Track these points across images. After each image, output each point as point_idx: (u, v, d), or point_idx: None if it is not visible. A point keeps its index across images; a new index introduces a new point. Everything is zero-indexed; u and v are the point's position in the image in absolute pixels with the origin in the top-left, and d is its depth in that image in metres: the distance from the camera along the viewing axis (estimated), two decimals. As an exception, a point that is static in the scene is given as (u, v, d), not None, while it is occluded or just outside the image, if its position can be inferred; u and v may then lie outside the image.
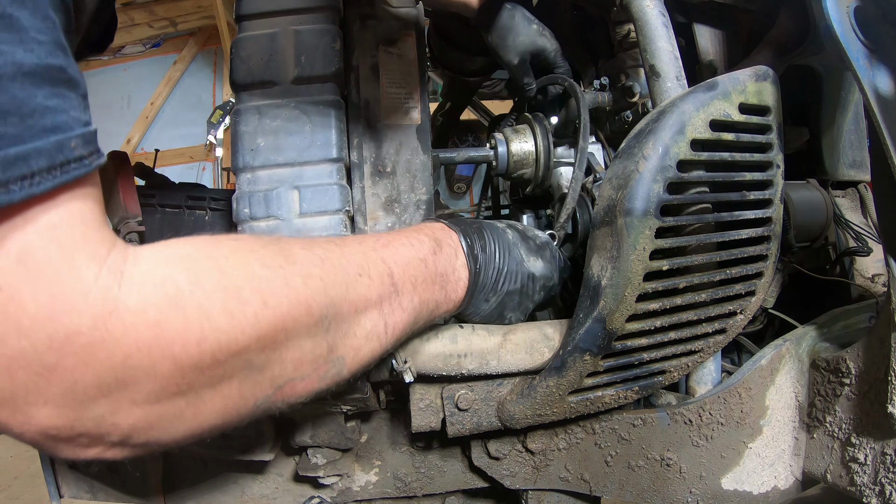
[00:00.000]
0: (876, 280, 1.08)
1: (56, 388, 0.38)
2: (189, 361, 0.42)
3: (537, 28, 0.92)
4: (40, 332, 0.36)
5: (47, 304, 0.37)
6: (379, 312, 0.59)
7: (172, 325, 0.41)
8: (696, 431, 0.81)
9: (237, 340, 0.45)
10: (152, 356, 0.40)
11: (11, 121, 0.35)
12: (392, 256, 0.62)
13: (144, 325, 0.40)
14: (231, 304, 0.44)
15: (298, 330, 0.50)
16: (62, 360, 0.37)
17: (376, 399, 0.83)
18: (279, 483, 0.96)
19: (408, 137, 0.84)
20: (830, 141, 1.11)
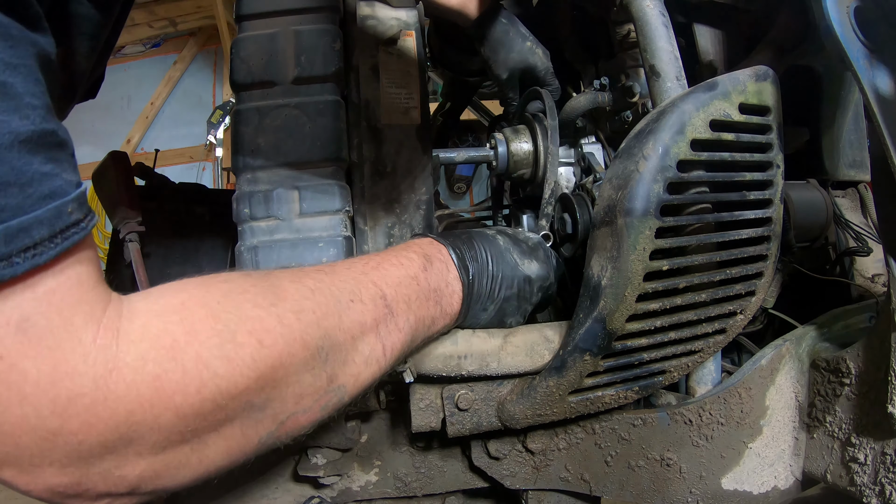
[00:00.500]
0: (876, 280, 1.08)
1: (61, 451, 0.38)
2: (191, 410, 0.43)
3: (531, 45, 0.92)
4: (43, 397, 0.37)
5: (49, 370, 0.37)
6: (375, 336, 0.59)
7: (172, 377, 0.42)
8: (696, 431, 0.81)
9: (237, 384, 0.45)
10: (154, 409, 0.41)
11: (11, 191, 0.35)
12: (383, 278, 0.62)
13: (144, 381, 0.41)
14: (227, 348, 0.45)
15: (296, 365, 0.50)
16: (66, 424, 0.38)
17: (376, 399, 0.83)
18: (279, 483, 0.96)
19: (408, 137, 0.84)
20: (830, 141, 1.11)
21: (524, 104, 1.00)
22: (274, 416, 0.50)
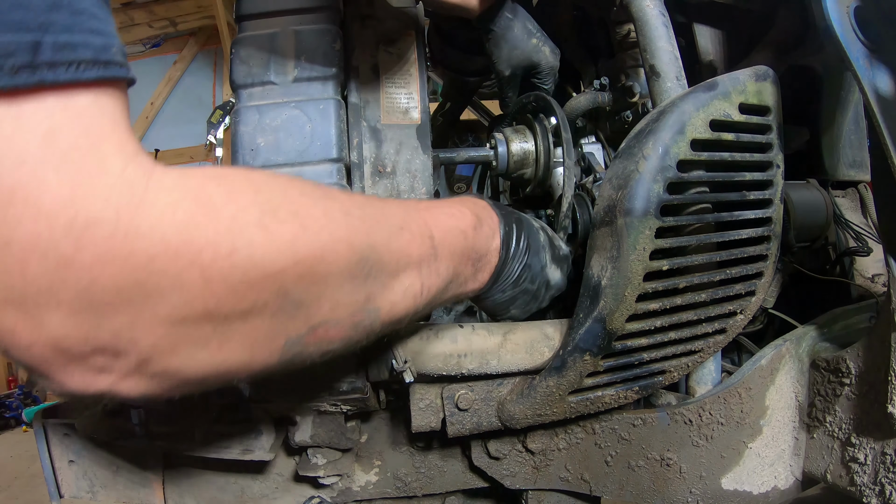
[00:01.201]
0: (876, 280, 1.08)
1: (71, 288, 0.34)
2: (219, 275, 0.38)
3: (536, 42, 0.89)
4: (60, 215, 0.33)
5: (69, 187, 0.34)
6: (417, 271, 0.56)
7: (203, 232, 0.38)
8: (696, 431, 0.81)
9: (273, 261, 0.41)
10: (179, 262, 0.37)
11: (63, 13, 0.34)
12: (434, 220, 0.60)
13: (172, 226, 0.37)
14: (267, 220, 0.41)
15: (339, 267, 0.47)
16: (79, 254, 0.34)
17: (376, 399, 0.83)
18: (279, 483, 0.96)
19: (408, 137, 0.84)
20: (830, 141, 1.11)
21: (519, 106, 1.00)
22: (307, 318, 0.46)
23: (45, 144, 0.33)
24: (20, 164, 0.32)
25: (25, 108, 0.33)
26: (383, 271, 0.52)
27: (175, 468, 0.96)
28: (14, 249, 0.33)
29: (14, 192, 0.32)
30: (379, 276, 0.52)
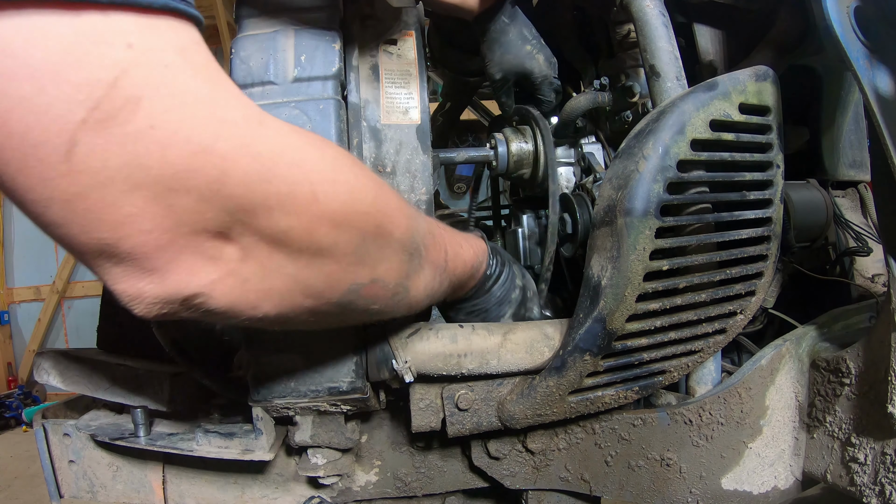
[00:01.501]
0: (876, 280, 1.08)
1: (206, 175, 0.38)
2: (324, 196, 0.45)
3: (530, 49, 0.89)
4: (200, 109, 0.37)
5: (207, 92, 0.38)
6: (433, 273, 0.64)
7: (312, 159, 0.45)
8: (696, 431, 0.81)
9: (361, 201, 0.49)
10: (294, 174, 0.43)
11: None
12: (450, 240, 0.70)
13: (289, 146, 0.43)
14: (356, 169, 0.50)
15: (399, 233, 0.55)
16: (216, 143, 0.38)
17: (376, 399, 0.83)
18: (279, 483, 0.96)
19: (408, 137, 0.84)
20: (830, 141, 1.11)
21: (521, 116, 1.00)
22: (370, 269, 0.52)
23: (183, 56, 0.37)
24: (165, 66, 0.36)
25: (160, 25, 0.37)
26: (419, 257, 0.60)
27: (175, 468, 0.96)
28: (158, 133, 0.35)
29: (162, 85, 0.36)
30: (416, 259, 0.59)
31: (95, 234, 0.36)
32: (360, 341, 0.77)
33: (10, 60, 0.32)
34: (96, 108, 0.33)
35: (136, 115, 0.34)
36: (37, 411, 0.99)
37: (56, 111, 0.33)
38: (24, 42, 0.32)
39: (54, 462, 0.96)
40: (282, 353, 0.76)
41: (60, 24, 0.32)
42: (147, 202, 0.36)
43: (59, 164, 0.34)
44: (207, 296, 0.42)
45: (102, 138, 0.34)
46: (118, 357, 0.98)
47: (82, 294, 4.95)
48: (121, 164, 0.35)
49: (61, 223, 0.36)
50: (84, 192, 0.35)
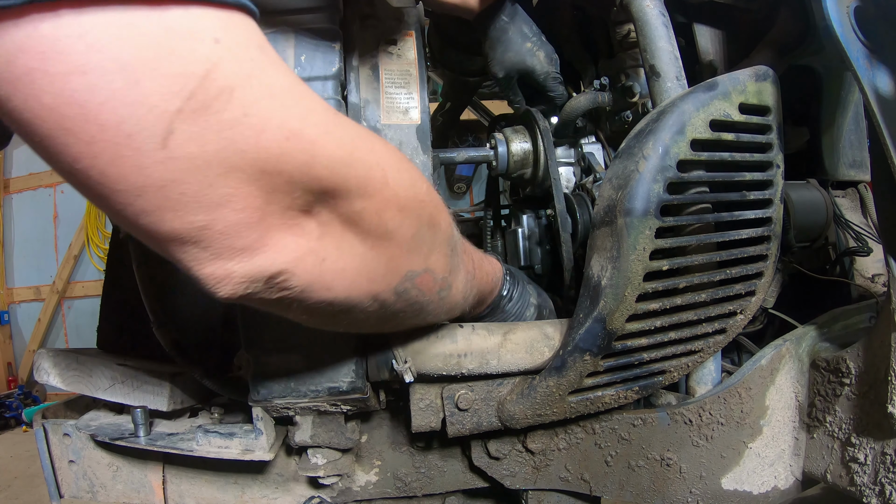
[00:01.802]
0: (876, 280, 1.08)
1: (296, 158, 0.41)
2: (393, 181, 0.49)
3: (531, 47, 0.90)
4: (289, 97, 0.41)
5: (290, 83, 0.42)
6: (465, 277, 0.68)
7: (380, 146, 0.50)
8: (696, 431, 0.81)
9: (419, 189, 0.54)
10: (369, 160, 0.47)
11: None
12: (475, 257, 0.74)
13: (363, 133, 0.48)
14: (412, 166, 0.56)
15: (445, 225, 0.60)
16: (305, 129, 0.41)
17: (376, 399, 0.83)
18: (279, 483, 0.96)
19: (408, 137, 0.84)
20: (830, 141, 1.11)
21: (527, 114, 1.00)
22: (424, 258, 0.57)
23: (262, 51, 0.40)
24: (251, 60, 0.39)
25: (237, 20, 0.39)
26: (457, 255, 0.64)
27: (175, 468, 0.96)
28: (252, 120, 0.38)
29: (252, 76, 0.38)
30: (456, 257, 0.64)
31: (189, 217, 0.38)
32: (360, 341, 0.77)
33: (99, 55, 0.33)
34: (191, 97, 0.35)
35: (231, 103, 0.37)
36: (37, 411, 0.99)
37: (152, 102, 0.34)
38: (114, 38, 0.33)
39: (54, 462, 0.96)
40: (282, 353, 0.76)
41: (148, 21, 0.34)
42: (241, 183, 0.39)
43: (155, 152, 0.35)
44: (290, 273, 0.45)
45: (199, 126, 0.36)
46: (118, 357, 0.98)
47: (82, 294, 4.95)
48: (217, 149, 0.37)
49: (153, 210, 0.37)
50: (180, 177, 0.37)
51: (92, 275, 4.89)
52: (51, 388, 4.72)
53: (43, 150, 0.36)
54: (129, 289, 1.03)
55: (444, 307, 0.66)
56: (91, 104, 0.34)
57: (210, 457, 0.86)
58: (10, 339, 5.08)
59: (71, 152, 0.35)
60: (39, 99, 0.33)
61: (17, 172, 5.06)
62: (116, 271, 1.12)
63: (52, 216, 5.01)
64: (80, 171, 0.36)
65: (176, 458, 0.93)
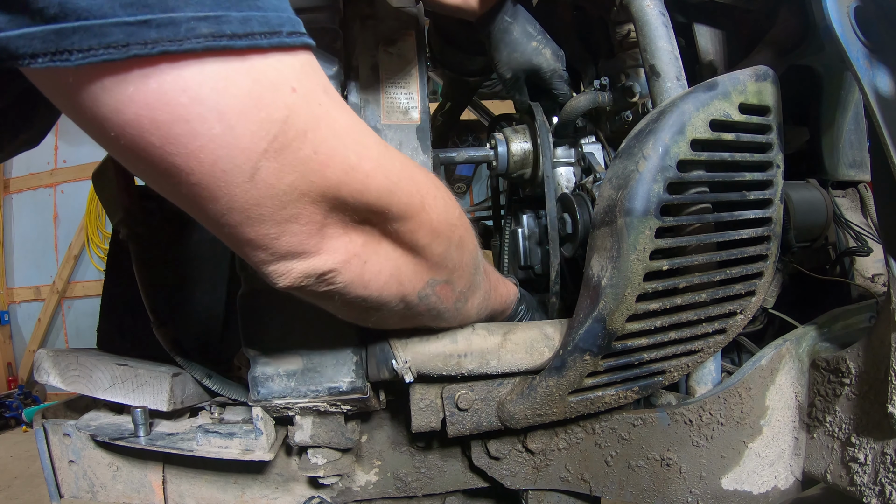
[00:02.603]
0: (876, 280, 1.08)
1: (353, 188, 0.49)
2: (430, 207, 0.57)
3: (537, 46, 0.89)
4: (349, 137, 0.48)
5: (351, 123, 0.49)
6: (482, 297, 0.75)
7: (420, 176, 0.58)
8: (696, 431, 0.81)
9: (452, 215, 0.62)
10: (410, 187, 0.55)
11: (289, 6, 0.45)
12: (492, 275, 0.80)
13: (407, 165, 0.56)
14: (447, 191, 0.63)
15: (470, 246, 0.67)
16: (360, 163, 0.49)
17: (376, 399, 0.83)
18: (279, 483, 0.96)
19: (408, 137, 0.84)
20: (830, 141, 1.11)
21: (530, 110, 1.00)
22: (448, 271, 0.64)
23: (328, 94, 0.47)
24: (319, 104, 0.45)
25: (305, 63, 0.45)
26: (479, 274, 0.72)
27: (175, 468, 0.96)
28: (321, 157, 0.45)
29: (320, 120, 0.45)
30: (478, 276, 0.71)
31: (265, 230, 0.46)
32: (360, 341, 0.77)
33: (200, 107, 0.39)
34: (274, 140, 0.42)
35: (304, 144, 0.44)
36: (37, 411, 0.99)
37: (243, 144, 0.41)
38: (211, 91, 0.39)
39: (54, 462, 0.96)
40: (282, 352, 0.76)
41: (238, 74, 0.40)
42: (307, 205, 0.47)
43: (243, 183, 0.42)
44: (338, 272, 0.53)
45: (279, 162, 0.43)
46: (118, 357, 0.98)
47: (82, 294, 4.95)
48: (292, 181, 0.44)
49: (236, 224, 0.45)
50: (261, 201, 0.44)
51: (92, 275, 4.89)
52: (51, 388, 4.72)
53: (147, 177, 0.43)
54: (129, 289, 1.03)
55: (458, 317, 0.74)
56: (192, 146, 0.40)
57: (210, 457, 0.86)
58: (10, 339, 5.08)
59: (172, 181, 0.42)
60: (147, 139, 0.39)
61: (17, 172, 5.06)
62: (116, 271, 1.12)
63: (52, 216, 5.02)
64: (181, 194, 0.43)
65: (176, 458, 0.93)
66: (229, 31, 0.39)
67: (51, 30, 0.34)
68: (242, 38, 0.39)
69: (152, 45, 0.36)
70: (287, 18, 0.43)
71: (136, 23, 0.35)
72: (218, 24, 0.38)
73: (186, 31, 0.37)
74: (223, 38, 0.38)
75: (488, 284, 0.77)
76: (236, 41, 0.39)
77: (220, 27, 0.38)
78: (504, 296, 0.84)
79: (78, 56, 0.35)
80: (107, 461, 0.96)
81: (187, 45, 0.37)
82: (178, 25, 0.37)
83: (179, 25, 0.37)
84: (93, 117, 0.39)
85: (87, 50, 0.35)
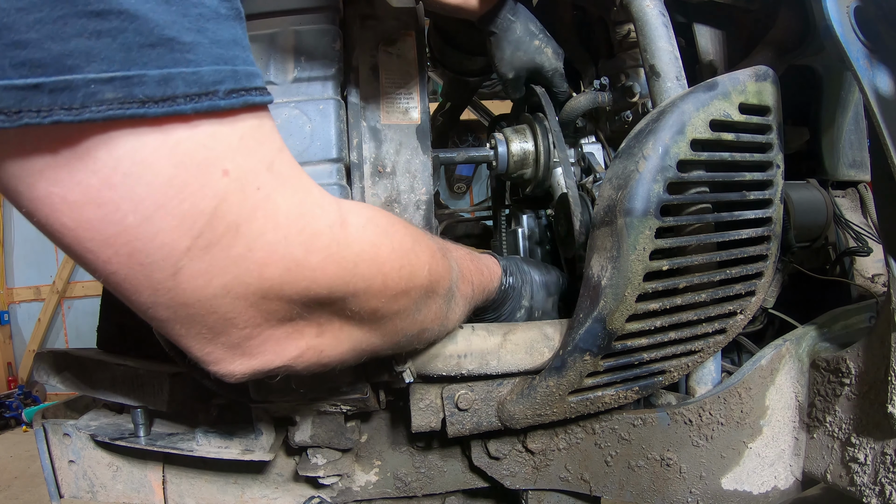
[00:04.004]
0: (876, 280, 1.08)
1: (298, 285, 0.42)
2: (392, 281, 0.51)
3: (539, 44, 0.89)
4: (292, 227, 0.41)
5: (296, 206, 0.42)
6: (464, 304, 0.72)
7: (384, 249, 0.50)
8: (696, 431, 0.81)
9: (419, 276, 0.55)
10: (371, 269, 0.48)
11: (241, 48, 0.39)
12: (476, 272, 0.76)
13: (366, 242, 0.48)
14: (418, 248, 0.56)
15: (443, 289, 0.62)
16: (308, 256, 0.42)
17: (376, 399, 0.83)
18: (279, 483, 0.96)
19: (408, 137, 0.84)
20: (830, 141, 1.11)
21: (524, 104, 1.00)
22: (420, 322, 0.60)
23: (271, 173, 0.40)
24: (257, 189, 0.39)
25: (246, 132, 0.38)
26: (455, 297, 0.68)
27: (175, 468, 0.96)
28: (256, 255, 0.39)
29: (257, 209, 0.39)
30: (451, 300, 0.67)
31: (195, 331, 0.41)
32: (360, 341, 0.77)
33: (111, 192, 0.34)
34: (199, 236, 0.36)
35: (237, 240, 0.38)
36: (37, 411, 0.99)
37: (162, 239, 0.36)
38: (124, 176, 0.34)
39: (54, 462, 0.96)
40: (282, 353, 0.76)
41: (156, 154, 0.34)
42: (244, 309, 0.41)
43: (165, 281, 0.37)
44: (290, 367, 0.49)
45: (205, 262, 0.38)
46: (118, 357, 0.98)
47: (82, 294, 4.95)
48: (222, 283, 0.39)
49: (165, 320, 0.40)
50: (188, 302, 0.39)
51: (91, 275, 4.89)
52: (51, 388, 4.72)
53: (69, 254, 0.38)
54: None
55: (442, 334, 0.73)
56: (107, 233, 0.35)
57: (210, 457, 0.86)
58: (10, 339, 5.08)
59: (89, 265, 0.37)
60: (59, 219, 0.34)
61: (17, 172, 5.05)
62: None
63: (52, 216, 5.01)
64: (104, 281, 0.39)
65: (176, 458, 0.93)
66: (141, 96, 0.32)
67: None
68: (159, 104, 0.33)
69: (45, 113, 0.31)
70: (229, 72, 0.36)
71: (27, 87, 0.30)
72: (127, 87, 0.32)
73: (85, 96, 0.31)
74: (132, 105, 0.32)
75: (469, 287, 0.73)
76: (151, 108, 0.33)
77: (131, 90, 0.32)
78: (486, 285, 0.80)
79: None
80: (107, 461, 0.96)
81: (86, 114, 0.31)
82: (74, 90, 0.31)
83: (76, 90, 0.31)
84: (6, 189, 0.34)
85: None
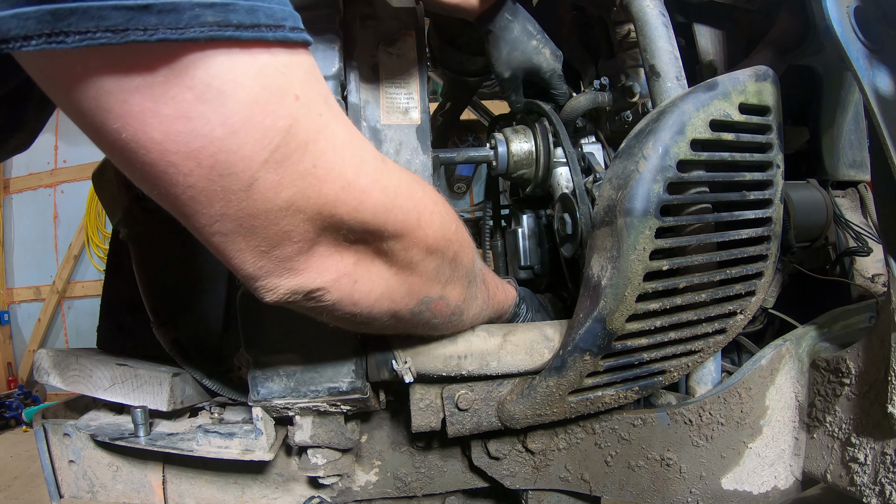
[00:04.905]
0: (876, 280, 1.08)
1: (348, 203, 0.47)
2: (427, 223, 0.56)
3: (536, 45, 0.89)
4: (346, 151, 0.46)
5: (348, 136, 0.47)
6: (481, 305, 0.75)
7: (417, 190, 0.56)
8: (696, 431, 0.81)
9: (448, 229, 0.60)
10: (407, 205, 0.53)
11: None
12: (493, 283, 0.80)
13: (403, 180, 0.54)
14: (445, 205, 0.62)
15: (467, 260, 0.66)
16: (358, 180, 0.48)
17: (376, 399, 0.83)
18: (279, 483, 0.96)
19: (408, 137, 0.84)
20: (830, 141, 1.11)
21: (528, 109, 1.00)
22: (441, 287, 0.63)
23: (328, 105, 0.45)
24: (319, 115, 0.43)
25: (310, 70, 0.43)
26: (475, 286, 0.71)
27: (175, 468, 0.96)
28: (319, 171, 0.44)
29: (321, 132, 0.43)
30: (473, 287, 0.70)
31: (254, 243, 0.44)
32: (360, 342, 0.77)
33: (204, 106, 0.37)
34: (276, 150, 0.41)
35: (304, 156, 0.43)
36: (37, 411, 0.99)
37: (245, 152, 0.39)
38: (218, 92, 0.37)
39: (54, 462, 0.96)
40: (282, 353, 0.76)
41: (247, 76, 0.38)
42: (301, 222, 0.45)
43: (239, 192, 0.41)
44: (327, 290, 0.52)
45: (278, 175, 0.41)
46: (118, 357, 0.98)
47: (82, 294, 4.95)
48: (289, 195, 0.43)
49: (227, 233, 0.43)
50: (255, 213, 0.42)
51: (92, 275, 4.89)
52: (51, 388, 4.72)
53: (143, 174, 0.40)
54: (129, 289, 1.03)
55: (452, 328, 0.74)
56: (193, 146, 0.38)
57: (210, 457, 0.86)
58: (10, 339, 5.08)
59: (169, 179, 0.40)
60: (148, 133, 0.37)
61: (17, 172, 5.06)
62: (116, 271, 1.12)
63: (52, 216, 5.01)
64: (173, 196, 0.41)
65: (176, 458, 0.93)
66: (235, 21, 0.36)
67: (46, 10, 0.32)
68: (248, 30, 0.37)
69: (152, 32, 0.33)
70: (289, 13, 0.41)
71: (137, 7, 0.33)
72: (224, 13, 0.36)
73: (190, 18, 0.34)
74: (229, 28, 0.36)
75: (486, 293, 0.76)
76: (242, 32, 0.37)
77: (227, 16, 0.36)
78: (502, 302, 0.83)
79: (75, 39, 0.32)
80: (107, 461, 0.96)
81: (189, 33, 0.34)
82: (180, 12, 0.34)
83: (182, 12, 0.34)
84: (96, 108, 0.36)
85: (83, 33, 0.32)
